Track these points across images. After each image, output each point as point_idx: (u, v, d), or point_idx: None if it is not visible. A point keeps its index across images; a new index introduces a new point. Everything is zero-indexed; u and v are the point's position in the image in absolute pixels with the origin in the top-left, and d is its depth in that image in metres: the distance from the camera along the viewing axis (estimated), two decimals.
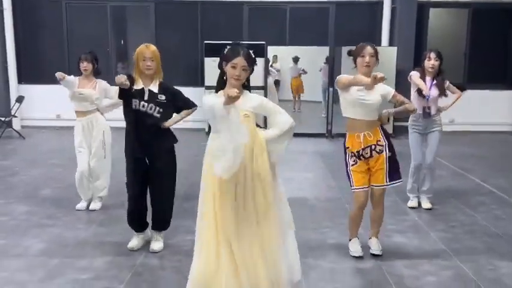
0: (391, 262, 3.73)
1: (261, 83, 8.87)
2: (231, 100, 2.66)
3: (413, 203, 5.10)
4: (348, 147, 3.74)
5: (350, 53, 3.79)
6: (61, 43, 10.23)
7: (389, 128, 8.69)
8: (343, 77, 3.68)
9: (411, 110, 3.76)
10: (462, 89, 5.23)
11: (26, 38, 10.22)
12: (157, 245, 3.93)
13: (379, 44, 9.77)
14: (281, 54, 9.94)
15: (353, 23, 10.11)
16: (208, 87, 9.13)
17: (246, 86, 2.97)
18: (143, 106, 3.71)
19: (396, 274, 3.55)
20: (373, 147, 3.69)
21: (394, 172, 3.74)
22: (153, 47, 3.78)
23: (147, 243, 4.01)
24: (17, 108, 9.29)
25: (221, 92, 2.89)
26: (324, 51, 9.71)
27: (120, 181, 5.64)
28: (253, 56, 2.93)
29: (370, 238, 3.94)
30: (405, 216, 4.79)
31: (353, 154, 3.72)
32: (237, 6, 10.09)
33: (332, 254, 3.88)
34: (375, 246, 3.87)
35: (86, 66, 4.84)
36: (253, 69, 2.97)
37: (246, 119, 2.86)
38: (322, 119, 9.70)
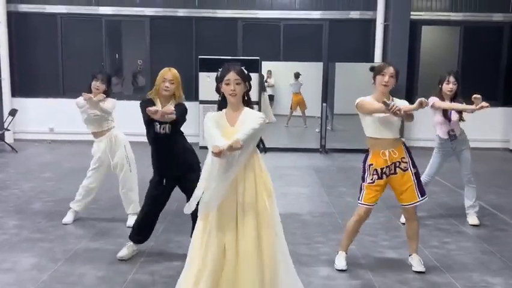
0: (384, 278, 3.72)
1: (255, 98, 8.91)
2: (233, 150, 2.72)
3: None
4: (371, 165, 3.75)
5: (372, 69, 3.81)
6: (55, 56, 10.24)
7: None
8: (366, 103, 3.67)
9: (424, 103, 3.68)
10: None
11: (20, 51, 10.22)
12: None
13: (372, 61, 9.86)
14: (275, 70, 9.99)
15: (346, 39, 10.22)
16: (202, 102, 9.16)
17: (246, 102, 3.01)
18: (163, 129, 3.78)
19: None
20: (397, 164, 3.72)
21: (421, 187, 3.78)
22: (175, 71, 3.89)
23: (136, 255, 4.02)
24: (10, 122, 9.25)
25: (223, 112, 2.97)
26: (318, 67, 9.77)
27: (111, 196, 5.63)
28: (246, 72, 2.96)
29: (410, 255, 3.94)
30: (398, 232, 4.78)
31: (375, 172, 3.73)
32: (231, 22, 10.16)
33: (324, 270, 3.86)
34: (417, 263, 3.85)
35: (99, 86, 4.63)
36: (250, 86, 3.00)
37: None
38: (316, 134, 9.72)
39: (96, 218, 4.99)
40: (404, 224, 4.99)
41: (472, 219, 5.09)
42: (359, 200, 3.83)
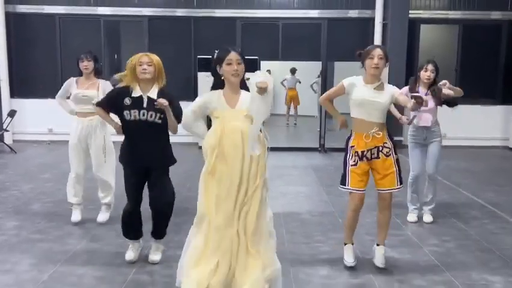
0: (384, 277, 3.72)
1: None
2: (262, 90, 2.67)
3: (413, 217, 5.09)
4: (352, 146, 3.72)
5: (359, 54, 3.79)
6: (54, 57, 10.24)
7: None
8: (324, 97, 3.90)
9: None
10: (454, 104, 5.25)
11: (18, 52, 10.22)
12: (157, 256, 3.92)
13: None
14: (274, 69, 9.98)
15: (345, 38, 10.22)
16: None
17: (243, 85, 2.99)
18: (144, 114, 3.62)
19: None
20: (380, 148, 3.69)
21: (400, 175, 3.75)
22: (154, 56, 3.71)
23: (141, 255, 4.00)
24: (9, 123, 9.24)
25: (220, 93, 2.94)
26: (316, 66, 9.78)
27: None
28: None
29: (378, 245, 3.91)
30: (398, 231, 4.79)
31: (356, 154, 3.70)
32: (230, 22, 10.16)
33: (324, 269, 3.86)
34: (379, 259, 3.83)
35: (87, 64, 4.68)
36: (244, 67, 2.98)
37: (248, 120, 2.87)
38: (315, 133, 9.72)
39: (95, 218, 4.98)
40: (412, 222, 5.01)
41: (427, 217, 5.06)
42: (345, 185, 3.72)
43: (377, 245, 3.93)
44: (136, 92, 3.63)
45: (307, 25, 10.35)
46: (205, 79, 8.62)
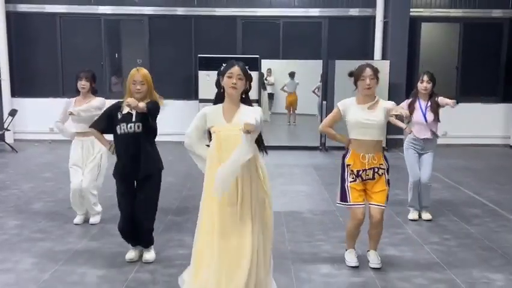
0: (384, 275, 3.72)
1: (255, 96, 8.90)
2: (250, 128, 2.71)
3: (414, 215, 5.12)
4: (349, 165, 3.73)
5: (351, 75, 3.80)
6: (55, 56, 10.24)
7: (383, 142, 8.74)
8: (324, 125, 3.88)
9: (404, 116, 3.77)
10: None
11: (19, 51, 10.22)
12: (149, 255, 3.93)
13: (372, 58, 9.85)
14: (275, 68, 9.99)
15: (346, 37, 10.21)
16: (202, 100, 9.15)
17: (244, 100, 3.02)
18: (131, 128, 3.73)
19: (390, 287, 3.53)
20: (376, 169, 3.70)
21: (388, 195, 3.78)
22: (144, 71, 3.81)
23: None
24: (10, 122, 9.25)
25: (220, 107, 2.98)
26: (317, 64, 9.76)
27: (112, 195, 5.62)
28: (249, 72, 3.01)
29: (368, 251, 3.93)
30: (399, 229, 4.79)
31: (352, 173, 3.71)
32: (230, 20, 10.15)
33: (325, 267, 3.86)
34: (374, 260, 3.85)
35: (84, 84, 4.76)
36: (250, 86, 3.02)
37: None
38: (316, 132, 9.71)
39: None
40: (412, 220, 5.04)
41: (425, 214, 5.10)
42: (347, 202, 3.72)
43: (368, 250, 3.95)
44: (126, 109, 3.75)
45: (308, 24, 10.34)
46: (205, 78, 8.62)
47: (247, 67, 3.03)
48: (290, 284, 3.52)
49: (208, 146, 3.10)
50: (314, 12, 10.20)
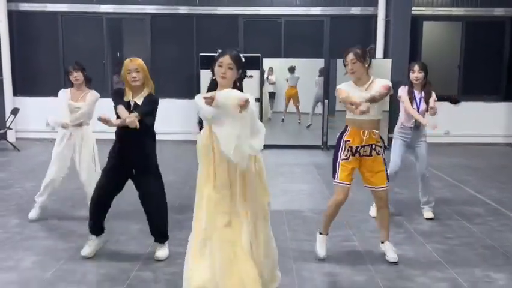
0: (386, 274, 3.71)
1: (256, 95, 8.91)
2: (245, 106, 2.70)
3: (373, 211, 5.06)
4: (348, 141, 3.77)
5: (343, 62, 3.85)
6: (57, 55, 10.25)
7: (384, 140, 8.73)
8: (341, 91, 3.75)
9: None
10: (456, 101, 5.26)
11: (21, 50, 10.23)
12: (162, 252, 3.95)
13: (373, 57, 9.83)
14: (276, 67, 9.98)
15: (347, 35, 10.19)
16: None
17: (238, 89, 3.02)
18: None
19: (391, 286, 3.53)
20: (373, 146, 3.74)
21: (387, 174, 3.86)
22: (138, 60, 3.83)
23: (138, 253, 4.00)
24: (12, 121, 9.26)
25: (214, 93, 2.90)
26: (319, 63, 9.76)
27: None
28: (242, 59, 3.01)
29: (382, 242, 3.96)
30: (400, 228, 4.78)
31: (349, 149, 3.75)
32: (232, 19, 10.15)
33: (327, 266, 3.86)
34: (390, 253, 3.88)
35: (76, 76, 4.76)
36: (243, 74, 3.02)
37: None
38: (318, 130, 9.70)
39: None
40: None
41: (427, 213, 5.08)
42: (334, 178, 3.86)
43: (382, 242, 3.95)
44: (127, 97, 3.80)
45: (309, 22, 10.33)
46: (207, 77, 8.60)
47: (241, 54, 3.03)
48: (292, 283, 3.52)
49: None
50: (316, 11, 10.19)
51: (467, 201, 5.83)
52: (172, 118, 9.69)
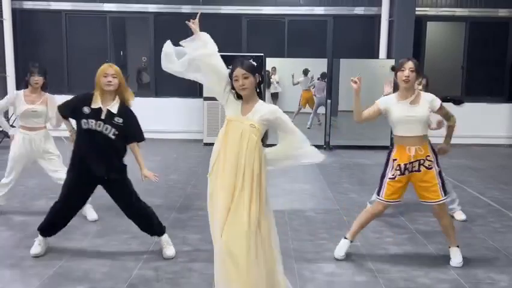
0: (388, 275, 3.71)
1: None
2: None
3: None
4: (395, 160, 3.76)
5: (393, 68, 3.85)
6: (60, 53, 10.28)
7: (387, 141, 8.73)
8: (360, 116, 3.79)
9: (454, 125, 3.98)
10: (459, 101, 5.24)
11: (25, 48, 10.26)
12: (169, 250, 3.95)
13: (377, 57, 9.84)
14: (279, 66, 9.97)
15: (351, 35, 10.20)
16: (206, 98, 9.16)
17: (259, 94, 3.04)
18: (99, 126, 3.69)
19: (393, 287, 3.53)
20: (422, 161, 3.73)
21: (444, 187, 3.79)
22: (116, 67, 3.77)
23: (140, 251, 4.02)
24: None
25: (240, 101, 2.99)
26: (322, 63, 9.75)
27: None
28: (254, 64, 3.00)
29: (449, 247, 3.97)
30: (403, 229, 4.78)
31: (398, 168, 3.74)
32: (235, 18, 10.16)
33: (329, 266, 3.86)
34: (456, 259, 3.88)
35: (37, 80, 4.72)
36: (260, 78, 3.02)
37: (252, 129, 2.88)
38: (320, 131, 9.70)
39: (100, 214, 5.00)
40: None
41: (458, 215, 5.07)
42: (378, 195, 3.83)
43: (449, 247, 3.99)
44: (97, 104, 3.72)
45: (313, 22, 10.33)
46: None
47: (251, 60, 3.03)
48: (293, 283, 3.52)
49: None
50: (319, 10, 10.19)
51: (469, 202, 5.82)
52: (174, 117, 9.72)
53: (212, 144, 3.14)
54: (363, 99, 3.80)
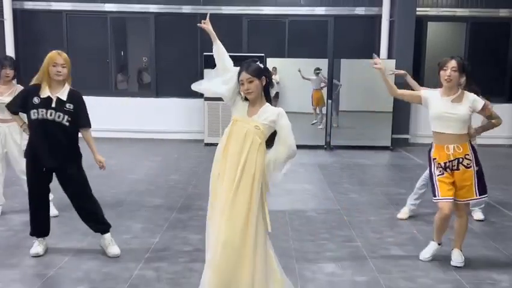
0: (389, 275, 3.71)
1: None
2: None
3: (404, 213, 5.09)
4: (434, 159, 3.75)
5: (439, 64, 3.81)
6: None
7: (387, 141, 8.72)
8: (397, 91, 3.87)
9: (498, 125, 3.92)
10: None
11: (26, 49, 10.26)
12: (114, 249, 3.97)
13: (378, 57, 9.81)
14: (280, 67, 9.96)
15: (351, 35, 10.19)
16: (207, 99, 9.16)
17: (267, 98, 3.03)
18: (51, 114, 3.69)
19: (393, 287, 3.52)
20: (461, 160, 3.71)
21: (481, 186, 3.77)
22: (65, 55, 3.81)
23: (141, 251, 3.99)
24: None
25: (247, 103, 3.01)
26: (323, 63, 9.74)
27: (115, 193, 5.64)
28: (260, 67, 2.99)
29: (452, 249, 3.95)
30: (403, 229, 4.77)
31: (439, 165, 3.73)
32: (236, 19, 10.16)
33: (330, 266, 3.85)
34: (457, 258, 3.86)
35: (9, 73, 4.84)
36: (267, 80, 3.00)
37: (256, 131, 2.88)
38: (321, 130, 9.69)
39: None
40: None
41: (477, 215, 5.06)
42: (434, 196, 3.76)
43: (452, 249, 3.97)
44: (45, 93, 3.71)
45: (313, 22, 10.32)
46: (211, 75, 8.60)
47: (257, 62, 3.02)
48: (294, 283, 3.51)
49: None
50: (320, 10, 10.18)
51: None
52: (175, 117, 9.71)
53: (212, 144, 3.14)
54: (363, 99, 3.80)
